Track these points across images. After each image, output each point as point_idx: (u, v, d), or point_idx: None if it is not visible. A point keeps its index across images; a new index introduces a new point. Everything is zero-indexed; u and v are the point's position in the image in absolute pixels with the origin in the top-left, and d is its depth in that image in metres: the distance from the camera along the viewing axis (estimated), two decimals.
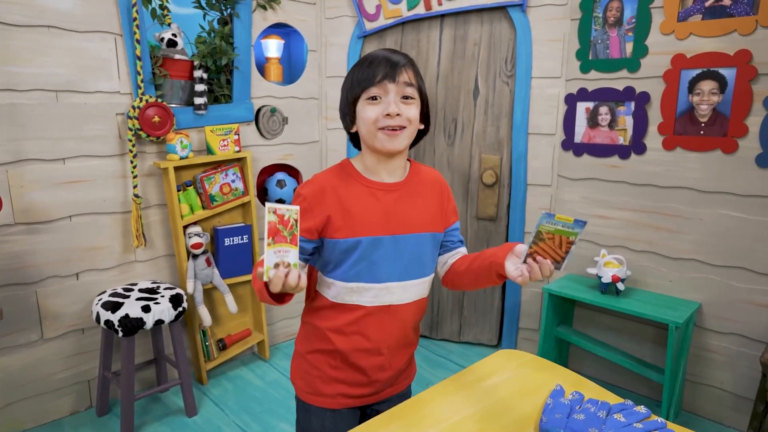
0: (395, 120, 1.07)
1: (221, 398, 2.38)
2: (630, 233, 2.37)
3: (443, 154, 2.80)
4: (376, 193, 1.14)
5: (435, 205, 1.21)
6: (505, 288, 2.80)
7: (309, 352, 1.22)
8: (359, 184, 1.14)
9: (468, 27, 2.64)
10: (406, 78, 1.08)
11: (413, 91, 1.09)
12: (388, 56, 1.09)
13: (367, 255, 1.11)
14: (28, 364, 2.10)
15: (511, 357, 1.31)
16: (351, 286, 1.13)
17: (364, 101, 1.09)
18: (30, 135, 2.00)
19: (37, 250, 2.07)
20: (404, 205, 1.15)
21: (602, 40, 2.34)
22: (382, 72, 1.06)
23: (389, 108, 1.06)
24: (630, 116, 2.30)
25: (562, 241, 0.96)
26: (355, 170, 1.16)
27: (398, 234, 1.14)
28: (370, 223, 1.12)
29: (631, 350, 2.41)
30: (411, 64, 1.11)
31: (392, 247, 1.13)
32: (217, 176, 2.41)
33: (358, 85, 1.09)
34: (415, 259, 1.16)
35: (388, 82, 1.06)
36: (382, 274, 1.13)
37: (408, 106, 1.09)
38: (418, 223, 1.16)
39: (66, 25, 2.01)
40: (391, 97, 1.07)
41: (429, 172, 1.25)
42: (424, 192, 1.20)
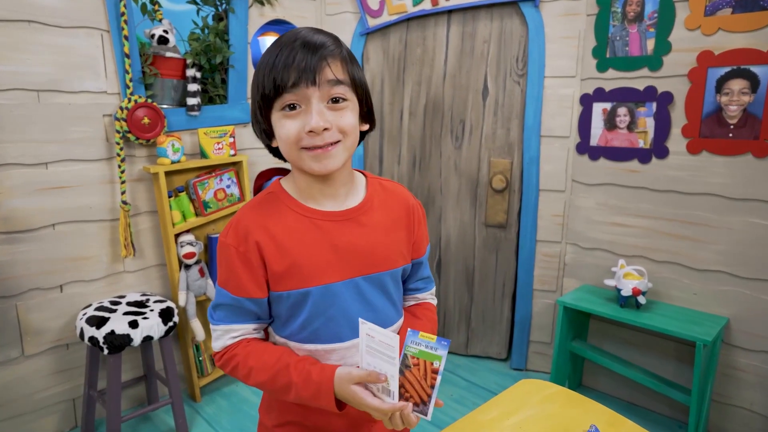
0: (323, 137, 0.80)
1: (215, 417, 2.24)
2: (651, 242, 2.23)
3: (450, 157, 2.66)
4: (321, 226, 0.87)
5: (402, 232, 0.94)
6: (515, 299, 2.66)
7: (278, 425, 0.96)
8: (297, 214, 0.87)
9: (477, 23, 2.50)
10: (331, 74, 0.80)
11: (344, 90, 0.82)
12: (305, 40, 0.79)
13: (321, 309, 0.86)
14: (7, 383, 1.96)
15: (536, 388, 1.17)
16: (309, 348, 0.89)
17: (279, 112, 0.81)
18: (9, 138, 1.86)
19: (17, 261, 1.93)
20: (361, 238, 0.88)
21: (621, 36, 2.20)
22: (296, 71, 0.77)
23: (312, 123, 0.79)
24: (651, 118, 2.16)
25: (427, 370, 0.77)
26: (288, 197, 0.89)
27: (358, 276, 0.88)
28: (319, 267, 0.86)
29: (652, 367, 2.26)
30: (338, 48, 0.82)
31: (353, 294, 0.88)
32: (211, 181, 2.27)
33: (267, 90, 0.80)
34: (385, 303, 0.92)
35: (306, 86, 0.78)
36: (345, 330, 0.88)
37: (339, 113, 0.81)
38: (382, 259, 0.90)
39: (48, 19, 1.88)
40: (314, 105, 0.79)
41: (394, 190, 0.97)
42: (389, 216, 0.93)
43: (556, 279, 2.55)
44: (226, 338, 0.89)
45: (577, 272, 2.47)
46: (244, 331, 0.90)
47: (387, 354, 0.76)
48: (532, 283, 2.59)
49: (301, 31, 0.82)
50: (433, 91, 2.63)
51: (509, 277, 2.66)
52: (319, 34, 0.82)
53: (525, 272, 2.59)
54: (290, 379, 0.84)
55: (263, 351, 0.88)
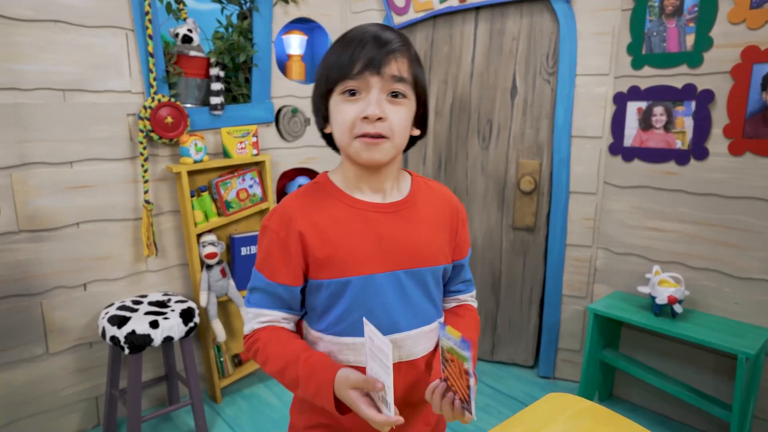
0: (375, 126, 0.82)
1: (235, 419, 2.22)
2: (688, 248, 2.12)
3: (477, 158, 2.59)
4: (365, 216, 0.87)
5: (445, 231, 0.95)
6: (543, 304, 2.57)
7: (308, 427, 0.94)
8: (342, 204, 0.88)
9: (506, 20, 2.43)
10: (396, 70, 0.82)
11: (405, 88, 0.83)
12: (376, 35, 0.82)
13: (361, 301, 0.85)
14: (32, 380, 1.98)
15: (565, 403, 1.10)
16: (345, 342, 0.87)
17: (339, 96, 0.83)
18: (35, 137, 1.87)
19: (42, 259, 1.94)
20: (406, 231, 0.89)
21: (658, 32, 2.09)
22: (365, 59, 0.80)
23: (368, 109, 0.81)
24: (690, 117, 2.05)
25: (461, 370, 0.74)
26: (335, 187, 0.90)
27: (399, 269, 0.87)
28: (362, 256, 0.85)
29: (688, 380, 2.15)
30: (406, 48, 0.84)
31: (393, 288, 0.87)
32: (234, 181, 2.26)
33: (331, 73, 0.83)
34: (425, 300, 0.91)
35: (371, 74, 0.80)
36: (385, 324, 0.85)
37: (396, 108, 0.83)
38: (424, 255, 0.90)
39: (74, 19, 1.88)
40: (374, 95, 0.81)
41: (439, 190, 0.98)
42: (432, 214, 0.93)
43: (586, 285, 2.45)
44: (255, 322, 0.91)
45: (608, 278, 2.37)
46: (273, 318, 0.90)
47: (382, 361, 0.73)
48: (561, 289, 2.50)
49: (371, 26, 0.85)
50: (460, 90, 2.56)
51: (537, 281, 2.58)
52: (390, 31, 0.84)
53: (554, 277, 2.50)
54: (297, 374, 0.83)
55: (284, 340, 0.88)
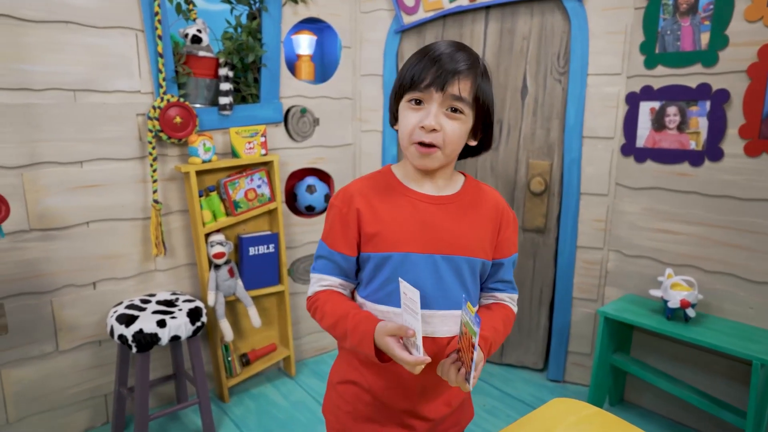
0: (429, 136, 0.94)
1: (242, 419, 2.22)
2: (702, 251, 2.07)
3: (486, 158, 2.56)
4: (416, 204, 1.00)
5: (488, 229, 1.03)
6: (553, 307, 2.54)
7: (340, 382, 1.08)
8: (398, 193, 1.01)
9: (516, 19, 2.40)
10: (457, 90, 0.92)
11: (463, 106, 0.94)
12: (449, 55, 0.93)
13: (398, 274, 0.96)
14: (42, 377, 2.00)
15: (570, 409, 1.08)
16: (380, 309, 1.00)
17: (406, 103, 0.97)
18: (46, 137, 1.89)
19: (52, 258, 1.96)
20: (449, 222, 1.00)
21: (672, 30, 2.05)
22: (432, 76, 0.92)
23: (426, 120, 0.93)
24: (704, 117, 2.01)
25: (469, 343, 0.84)
26: (395, 178, 1.04)
27: (437, 253, 0.98)
28: (404, 236, 0.98)
29: (701, 385, 2.11)
30: (473, 70, 0.94)
31: (429, 268, 0.98)
32: (242, 181, 2.26)
33: (404, 82, 0.96)
34: (458, 286, 1.00)
35: (435, 90, 0.93)
36: None
37: (452, 122, 0.94)
38: (462, 245, 1.00)
39: (84, 20, 1.90)
40: (433, 108, 0.93)
41: (487, 192, 1.08)
42: (478, 211, 1.03)
43: (597, 287, 2.41)
44: (317, 286, 1.05)
45: (619, 281, 2.33)
46: (331, 283, 1.04)
47: (412, 309, 0.84)
48: (572, 291, 2.46)
49: (449, 44, 0.96)
50: None
51: (547, 284, 2.55)
52: (463, 51, 0.95)
53: (564, 279, 2.47)
54: (346, 327, 0.96)
55: (338, 301, 1.01)
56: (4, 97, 1.79)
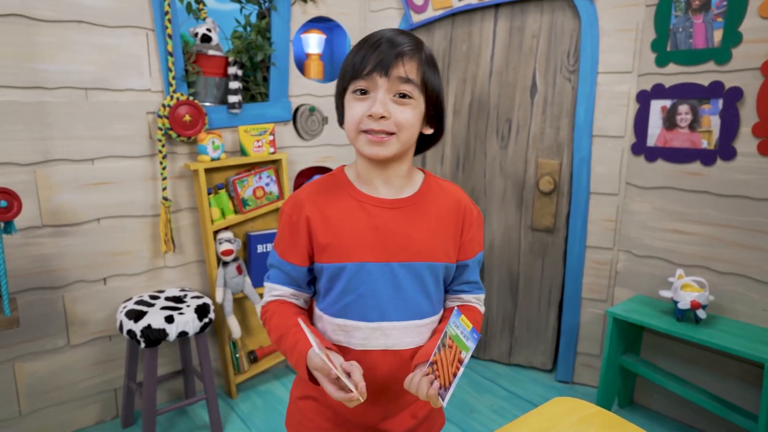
0: (379, 123, 0.87)
1: (249, 415, 2.24)
2: (713, 252, 2.04)
3: (495, 157, 2.55)
4: (367, 209, 0.93)
5: (450, 231, 0.97)
6: (562, 307, 2.52)
7: (301, 397, 1.03)
8: (349, 197, 0.95)
9: (526, 17, 2.38)
10: (403, 72, 0.87)
11: (412, 89, 0.88)
12: (388, 38, 0.88)
13: (353, 286, 0.92)
14: (54, 371, 2.03)
15: (572, 408, 1.07)
16: (338, 323, 0.95)
17: (351, 95, 0.90)
18: (58, 134, 1.92)
19: (64, 254, 1.99)
20: (405, 227, 0.93)
21: (684, 27, 2.02)
22: (374, 61, 0.86)
23: (373, 107, 0.87)
24: (716, 116, 1.98)
25: (455, 357, 0.79)
26: (347, 180, 0.97)
27: (394, 261, 0.92)
28: (358, 246, 0.92)
29: (712, 388, 2.07)
30: (417, 51, 0.89)
31: (386, 278, 0.92)
32: (251, 179, 2.28)
33: (346, 74, 0.90)
34: (419, 294, 0.94)
35: (378, 75, 0.86)
36: (373, 310, 0.92)
37: (401, 108, 0.88)
38: (422, 250, 0.94)
39: (95, 19, 1.93)
40: (380, 94, 0.87)
41: (450, 190, 1.01)
42: (436, 212, 0.96)
43: (606, 288, 2.39)
44: (268, 295, 1.01)
45: (629, 281, 2.31)
46: (282, 293, 0.99)
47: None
48: (581, 292, 2.44)
49: (387, 31, 0.91)
50: (479, 88, 2.53)
51: (556, 284, 2.53)
52: (404, 35, 0.90)
53: (573, 279, 2.44)
54: (287, 345, 0.91)
55: (284, 315, 0.95)
56: (18, 96, 1.83)
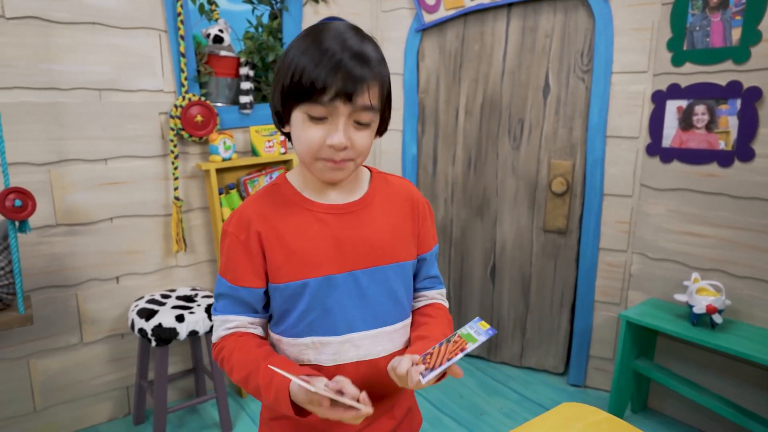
0: (340, 154, 0.81)
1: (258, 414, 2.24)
2: (730, 255, 2.00)
3: (507, 158, 2.53)
4: (322, 218, 0.88)
5: (405, 226, 0.94)
6: (575, 309, 2.49)
7: (273, 418, 0.96)
8: (300, 207, 0.88)
9: (539, 17, 2.36)
10: (367, 100, 0.79)
11: (372, 117, 0.82)
12: (352, 55, 0.77)
13: (318, 301, 0.86)
14: (67, 368, 2.06)
15: (579, 414, 1.05)
16: (304, 341, 0.88)
17: (303, 114, 0.80)
18: (72, 135, 1.95)
19: (77, 252, 2.02)
20: (363, 231, 0.88)
21: (701, 26, 1.98)
22: (337, 87, 0.76)
23: (335, 139, 0.79)
24: (734, 116, 1.94)
25: (458, 347, 0.79)
26: (292, 189, 0.90)
27: (357, 269, 0.87)
28: (318, 258, 0.86)
29: (728, 394, 2.03)
30: (380, 70, 0.81)
31: (351, 288, 0.87)
32: (261, 179, 2.29)
33: (297, 89, 0.78)
34: (386, 300, 0.90)
35: (342, 102, 0.77)
36: (341, 323, 0.87)
37: (360, 134, 0.82)
38: (384, 253, 0.89)
39: (109, 21, 1.95)
40: (341, 123, 0.79)
41: (398, 185, 0.97)
42: (391, 210, 0.92)
43: (620, 291, 2.35)
44: (221, 329, 0.91)
45: (643, 284, 2.27)
46: (239, 323, 0.90)
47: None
48: (594, 294, 2.41)
49: (347, 36, 0.79)
50: (491, 88, 2.51)
51: (568, 286, 2.49)
52: (367, 43, 0.80)
53: (586, 282, 2.41)
54: (258, 382, 0.83)
55: (247, 347, 0.87)
56: (34, 96, 1.86)
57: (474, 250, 2.70)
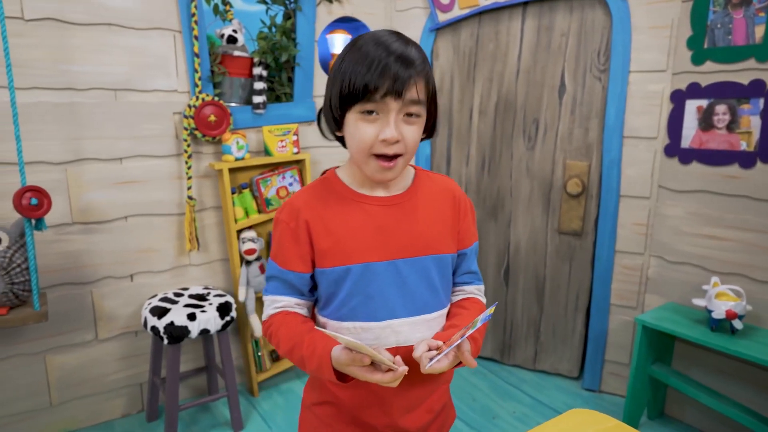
0: (392, 148, 0.87)
1: (270, 413, 2.25)
2: (751, 259, 1.94)
3: (522, 159, 2.49)
4: (367, 209, 0.94)
5: (446, 221, 0.99)
6: (590, 312, 2.44)
7: (316, 403, 1.03)
8: (348, 200, 0.95)
9: (555, 16, 2.32)
10: (415, 94, 0.86)
11: (420, 109, 0.88)
12: (398, 57, 0.83)
13: (360, 287, 0.91)
14: (82, 364, 2.09)
15: (587, 420, 1.03)
16: (346, 326, 0.94)
17: (358, 114, 0.87)
18: (89, 134, 1.98)
19: (93, 250, 2.05)
20: (405, 222, 0.94)
21: (723, 23, 1.93)
22: (387, 84, 0.83)
23: (387, 133, 0.85)
24: (757, 116, 1.88)
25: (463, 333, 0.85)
26: (340, 183, 0.96)
27: (398, 258, 0.93)
28: (361, 246, 0.92)
29: (749, 402, 1.97)
30: (424, 67, 0.88)
31: (392, 276, 0.92)
32: (274, 179, 2.29)
33: (351, 93, 0.85)
34: (425, 289, 0.95)
35: (392, 98, 0.84)
36: (382, 310, 0.92)
37: (410, 127, 0.88)
38: (424, 244, 0.95)
39: (125, 22, 1.97)
40: (392, 118, 0.85)
41: (441, 182, 1.03)
42: (432, 205, 0.98)
43: (636, 294, 2.30)
44: (270, 308, 0.98)
45: (661, 288, 2.22)
46: (286, 303, 0.97)
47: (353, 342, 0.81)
48: (609, 298, 2.36)
49: (391, 41, 0.86)
50: (505, 88, 2.48)
51: (583, 289, 2.45)
52: (410, 47, 0.87)
53: (601, 285, 2.37)
54: (302, 353, 0.91)
55: (293, 323, 0.95)
56: (52, 97, 1.89)
57: (488, 251, 2.67)
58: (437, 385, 1.01)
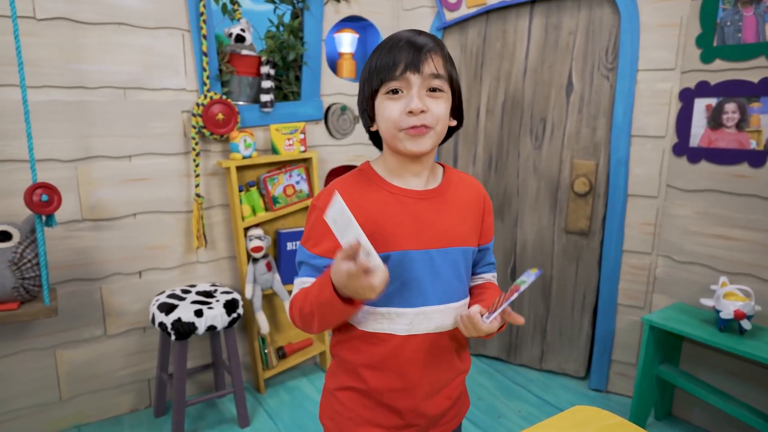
0: (419, 118, 0.92)
1: (276, 410, 2.26)
2: (760, 259, 1.92)
3: (529, 158, 2.49)
4: (403, 201, 0.98)
5: (473, 217, 1.05)
6: (597, 312, 2.43)
7: (338, 389, 1.06)
8: (383, 190, 0.99)
9: (562, 14, 2.31)
10: (433, 68, 0.92)
11: (442, 83, 0.94)
12: (411, 39, 0.93)
13: (397, 274, 0.94)
14: (91, 359, 2.12)
15: (590, 417, 1.02)
16: (381, 311, 0.97)
17: (384, 96, 0.94)
18: (99, 132, 2.00)
19: (102, 247, 2.07)
20: (438, 215, 0.99)
21: (732, 21, 1.92)
22: (405, 60, 0.91)
23: (412, 104, 0.91)
24: (767, 115, 1.86)
25: (511, 291, 0.90)
26: (377, 175, 1.01)
27: (432, 248, 0.97)
28: (399, 235, 0.95)
29: (758, 403, 1.95)
30: (440, 48, 0.95)
31: (426, 264, 0.97)
32: (281, 177, 2.31)
33: (375, 77, 0.93)
34: (454, 278, 1.00)
35: (411, 72, 0.91)
36: (416, 296, 0.96)
37: (435, 101, 0.93)
38: (454, 236, 1.00)
39: (135, 21, 1.99)
40: (415, 90, 0.91)
41: (468, 180, 1.09)
42: (462, 201, 1.04)
43: (644, 294, 2.29)
44: (298, 288, 1.00)
45: (668, 288, 2.20)
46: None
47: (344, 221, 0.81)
48: (617, 297, 2.35)
49: (406, 32, 0.95)
50: (513, 87, 2.48)
51: (590, 288, 2.44)
52: (423, 35, 0.94)
53: (608, 284, 2.36)
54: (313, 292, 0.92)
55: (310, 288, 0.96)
56: (63, 95, 1.91)
57: (494, 250, 2.66)
58: (457, 373, 1.05)
